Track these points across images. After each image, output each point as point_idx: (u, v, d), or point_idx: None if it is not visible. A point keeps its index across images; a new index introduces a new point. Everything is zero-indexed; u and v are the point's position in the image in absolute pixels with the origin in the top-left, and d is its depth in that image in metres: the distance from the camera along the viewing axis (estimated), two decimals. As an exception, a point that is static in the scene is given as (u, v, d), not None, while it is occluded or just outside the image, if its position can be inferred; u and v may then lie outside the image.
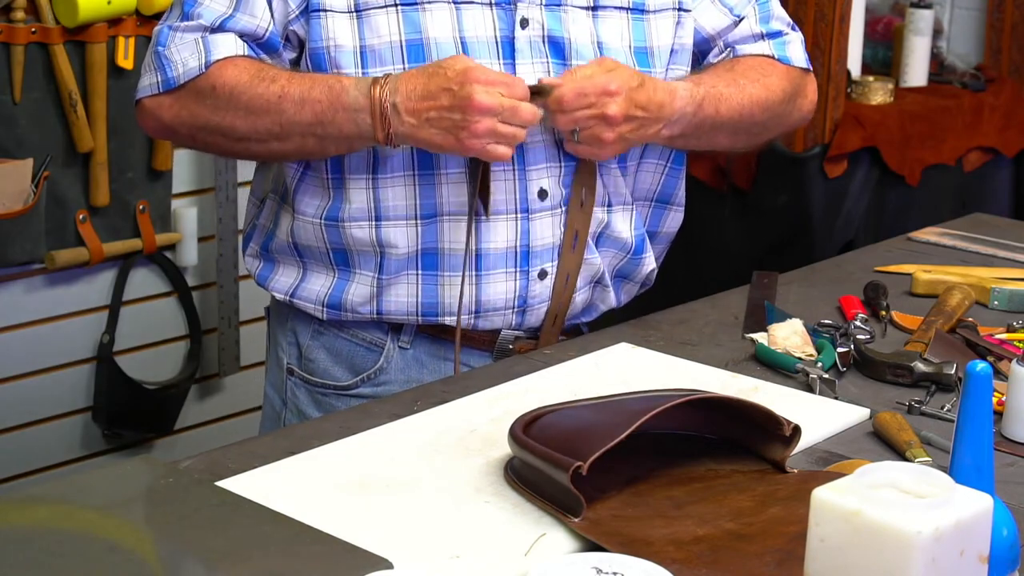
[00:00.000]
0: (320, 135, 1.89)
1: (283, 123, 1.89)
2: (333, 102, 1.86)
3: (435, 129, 1.83)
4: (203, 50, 1.92)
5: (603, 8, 1.99)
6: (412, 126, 1.84)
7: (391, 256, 1.97)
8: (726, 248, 3.80)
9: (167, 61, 1.94)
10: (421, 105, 1.83)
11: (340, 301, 2.00)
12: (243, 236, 2.13)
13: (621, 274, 2.12)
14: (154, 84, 1.96)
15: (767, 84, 2.07)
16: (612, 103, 1.87)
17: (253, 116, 1.90)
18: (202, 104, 1.93)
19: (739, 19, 2.10)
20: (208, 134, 1.96)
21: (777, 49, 2.11)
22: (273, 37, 1.93)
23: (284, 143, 1.91)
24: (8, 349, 3.04)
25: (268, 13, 1.92)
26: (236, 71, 1.91)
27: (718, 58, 2.10)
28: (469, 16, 1.93)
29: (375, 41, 1.91)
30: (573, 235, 2.00)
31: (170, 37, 1.94)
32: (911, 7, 3.96)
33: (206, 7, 1.93)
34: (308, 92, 1.88)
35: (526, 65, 1.95)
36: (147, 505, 1.55)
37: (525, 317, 2.02)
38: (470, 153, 1.85)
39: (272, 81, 1.90)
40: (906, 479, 1.23)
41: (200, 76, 1.92)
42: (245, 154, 2.01)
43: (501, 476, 1.58)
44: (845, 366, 1.92)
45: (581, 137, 1.90)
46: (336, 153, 1.94)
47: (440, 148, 1.86)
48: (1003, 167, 4.06)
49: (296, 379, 2.08)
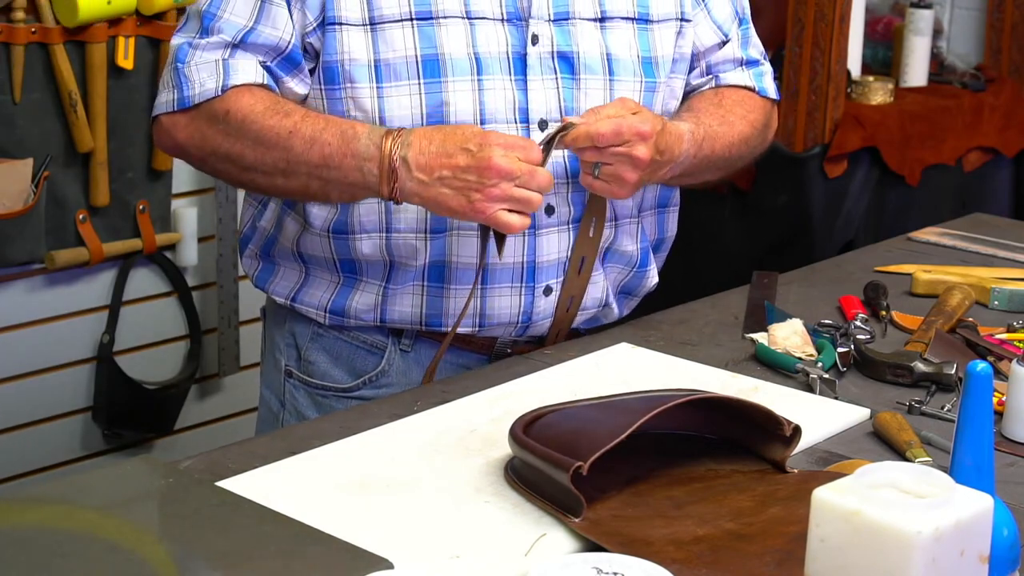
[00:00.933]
0: (325, 178, 1.85)
1: (290, 159, 1.86)
2: (343, 147, 1.83)
3: (447, 189, 1.79)
4: (222, 73, 1.89)
5: (611, 19, 1.98)
6: (421, 183, 1.79)
7: (400, 267, 1.96)
8: (726, 248, 3.80)
9: (185, 80, 1.90)
10: (435, 162, 1.79)
11: (344, 308, 1.99)
12: (240, 236, 2.11)
13: (625, 290, 2.11)
14: (170, 101, 1.92)
15: (751, 120, 2.10)
16: (643, 146, 1.84)
17: (262, 148, 1.87)
18: (214, 128, 1.90)
19: (726, 39, 2.11)
20: (218, 160, 1.93)
21: (756, 80, 2.15)
22: (295, 51, 1.90)
23: (289, 180, 1.88)
24: (8, 349, 3.04)
25: (290, 25, 1.89)
26: (252, 99, 1.88)
27: (699, 80, 2.12)
28: (482, 32, 1.91)
29: (390, 55, 1.89)
30: (580, 260, 1.99)
31: (190, 54, 1.90)
32: (911, 7, 3.96)
33: (226, 21, 1.90)
34: (320, 133, 1.84)
35: (536, 81, 1.93)
36: (147, 505, 1.55)
37: (528, 331, 2.01)
38: (479, 217, 1.80)
39: (286, 116, 1.86)
40: (906, 479, 1.23)
41: (216, 99, 1.88)
42: (251, 186, 1.97)
43: (501, 476, 1.58)
44: (845, 366, 1.93)
45: (603, 174, 1.86)
46: (339, 201, 1.91)
47: (449, 210, 1.81)
48: (1003, 167, 4.06)
49: (295, 381, 2.07)
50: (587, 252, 1.99)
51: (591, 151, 1.84)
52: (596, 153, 1.84)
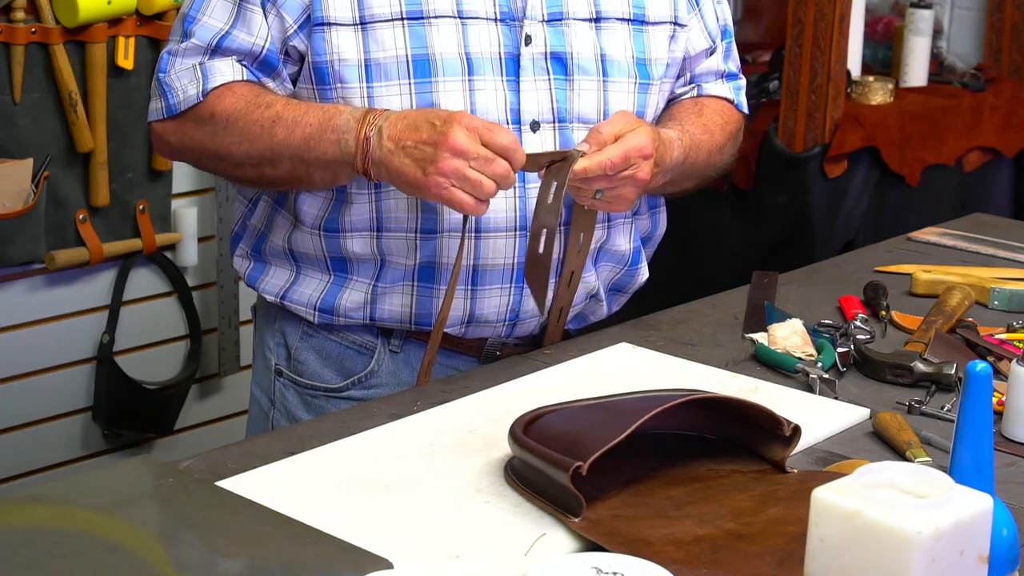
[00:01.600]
0: (307, 160, 1.87)
1: (274, 146, 1.88)
2: (324, 123, 1.85)
3: (408, 159, 1.79)
4: (200, 77, 1.92)
5: (606, 20, 1.99)
6: (388, 151, 1.81)
7: (391, 266, 1.96)
8: (726, 248, 3.80)
9: (168, 88, 1.95)
10: (403, 134, 1.80)
11: (333, 305, 1.99)
12: (231, 236, 2.12)
13: (616, 287, 2.12)
14: (159, 109, 1.97)
15: (729, 132, 2.13)
16: (645, 165, 1.85)
17: (248, 142, 1.90)
18: (202, 131, 1.93)
19: (713, 48, 2.13)
20: (210, 160, 1.97)
21: (735, 94, 2.18)
22: (270, 55, 1.92)
23: (276, 168, 1.90)
24: (8, 349, 3.04)
25: (265, 29, 1.91)
26: (233, 99, 1.91)
27: (682, 88, 2.13)
28: (474, 32, 1.92)
29: (380, 55, 1.89)
30: (569, 274, 2.00)
31: (170, 63, 1.95)
32: (911, 7, 3.96)
33: (203, 25, 1.93)
34: (302, 116, 1.87)
35: (529, 82, 1.93)
36: (147, 505, 1.55)
37: (515, 329, 2.02)
38: (431, 191, 1.79)
39: (267, 107, 1.89)
40: (906, 479, 1.23)
41: (199, 104, 1.92)
42: (243, 180, 2.00)
43: (501, 476, 1.58)
44: (845, 366, 1.93)
45: (607, 195, 1.87)
46: (322, 184, 1.92)
47: (407, 181, 1.81)
48: (1003, 167, 4.06)
49: (285, 380, 2.07)
50: (575, 266, 2.00)
51: (600, 179, 1.84)
52: (605, 180, 1.84)
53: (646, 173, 1.85)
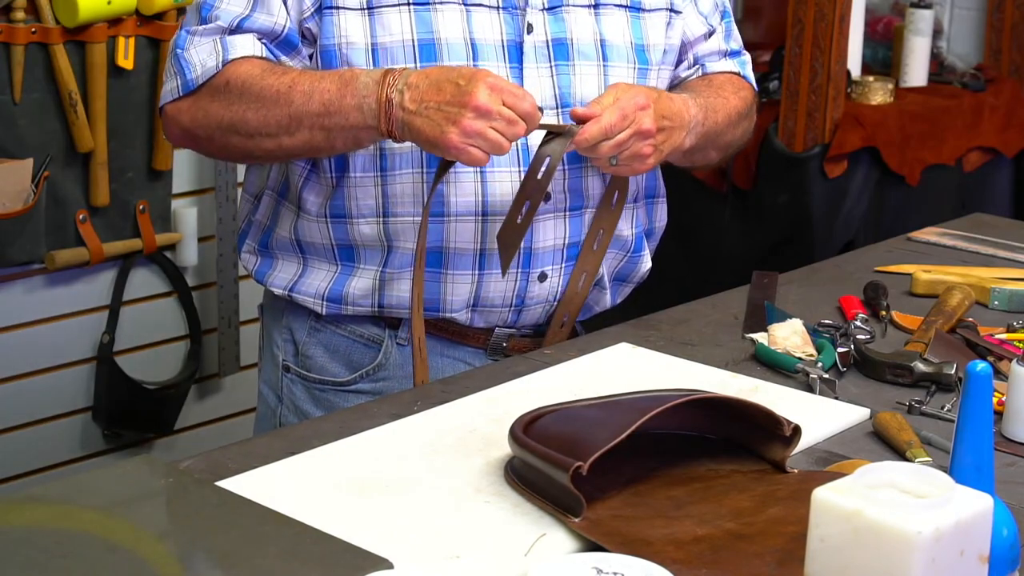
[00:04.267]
0: (327, 127, 1.87)
1: (292, 113, 1.88)
2: (342, 89, 1.86)
3: (429, 120, 1.81)
4: (221, 50, 1.93)
5: (604, 6, 2.02)
6: (409, 112, 1.82)
7: (398, 251, 1.97)
8: (726, 248, 3.80)
9: (186, 63, 1.94)
10: (426, 95, 1.81)
11: (341, 294, 2.00)
12: (238, 233, 2.13)
13: (619, 276, 2.14)
14: (174, 88, 1.96)
15: (742, 97, 2.16)
16: (645, 116, 1.88)
17: (264, 108, 1.90)
18: (216, 101, 1.93)
19: (711, 31, 2.17)
20: (223, 133, 1.95)
21: (741, 68, 2.22)
22: (291, 34, 1.94)
23: (293, 137, 1.90)
24: (8, 349, 3.04)
25: (284, 10, 1.93)
26: (249, 66, 1.92)
27: (686, 72, 2.16)
28: (478, 19, 1.94)
29: (387, 39, 1.92)
30: (597, 233, 2.01)
31: (189, 40, 1.95)
32: (911, 7, 3.96)
33: (223, 9, 1.94)
34: (319, 83, 1.88)
35: (532, 68, 1.96)
36: (147, 505, 1.55)
37: (521, 316, 2.03)
38: (449, 150, 1.81)
39: (283, 74, 1.90)
40: (906, 479, 1.23)
41: (216, 74, 1.92)
42: (258, 151, 1.97)
43: (501, 476, 1.58)
44: (845, 366, 1.93)
45: (622, 158, 1.90)
46: (343, 149, 1.92)
47: (427, 139, 1.82)
48: (1003, 167, 4.06)
49: (293, 376, 2.08)
50: (606, 225, 2.03)
51: (608, 145, 1.87)
52: (612, 147, 1.87)
53: (648, 124, 1.88)
